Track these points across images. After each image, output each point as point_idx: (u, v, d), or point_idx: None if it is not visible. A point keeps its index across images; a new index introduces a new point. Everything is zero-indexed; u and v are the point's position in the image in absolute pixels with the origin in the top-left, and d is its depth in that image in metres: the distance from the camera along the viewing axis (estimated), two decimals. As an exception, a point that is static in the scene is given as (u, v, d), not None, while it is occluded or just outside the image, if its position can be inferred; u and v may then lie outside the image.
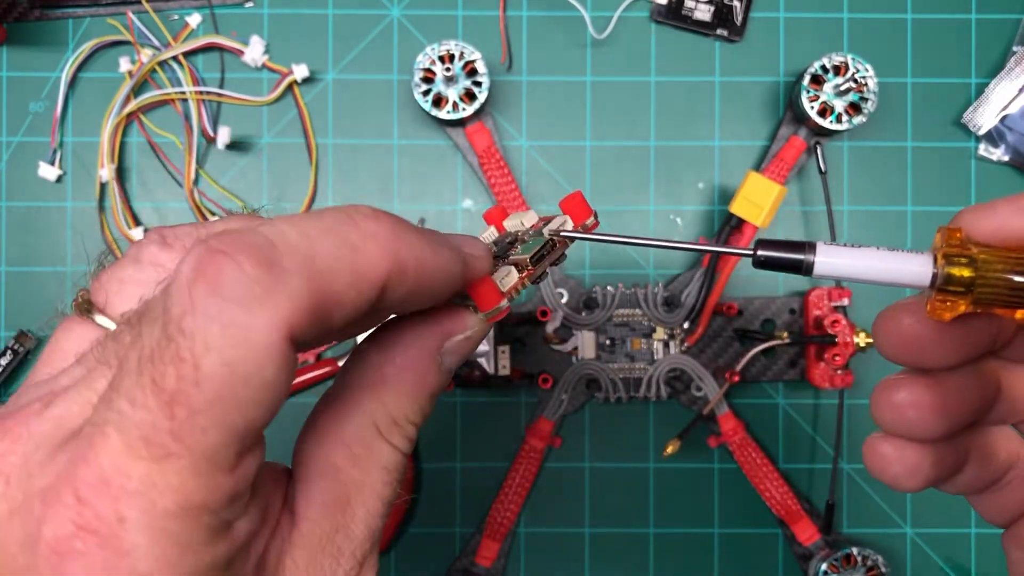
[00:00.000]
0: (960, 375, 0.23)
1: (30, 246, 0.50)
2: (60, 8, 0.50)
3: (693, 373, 0.48)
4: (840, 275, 0.22)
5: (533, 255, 0.24)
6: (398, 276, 0.19)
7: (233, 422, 0.17)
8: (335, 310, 0.18)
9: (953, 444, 0.24)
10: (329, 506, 0.21)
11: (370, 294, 0.19)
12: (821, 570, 0.47)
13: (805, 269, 0.22)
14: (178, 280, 0.17)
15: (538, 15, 0.51)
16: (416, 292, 0.20)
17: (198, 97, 0.49)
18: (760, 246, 0.22)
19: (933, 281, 0.21)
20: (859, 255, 0.22)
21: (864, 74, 0.46)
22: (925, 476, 0.24)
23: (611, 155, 0.51)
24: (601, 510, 0.50)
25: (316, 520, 0.21)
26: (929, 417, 0.23)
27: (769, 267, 0.22)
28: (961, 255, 0.21)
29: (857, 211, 0.50)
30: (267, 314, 0.17)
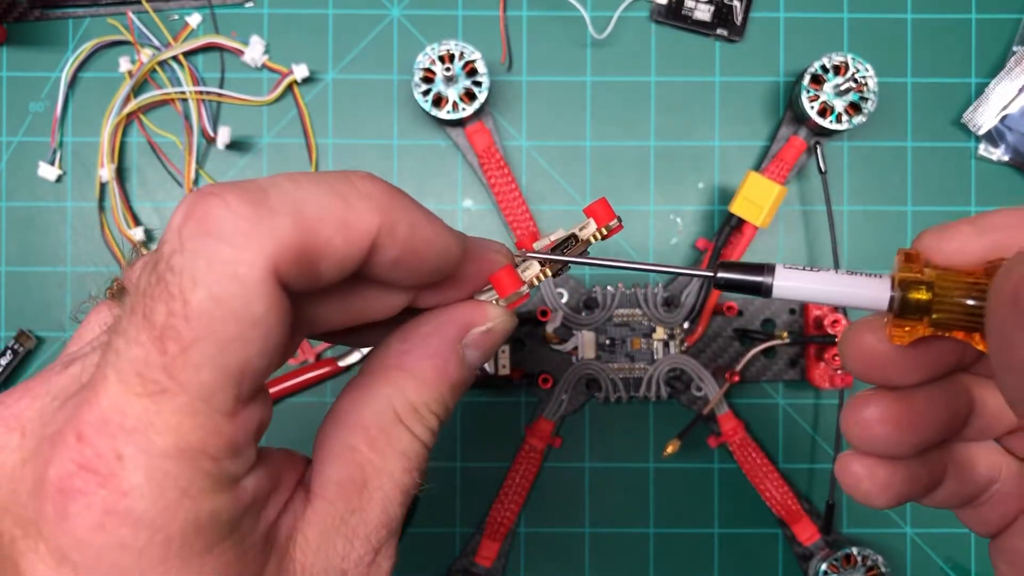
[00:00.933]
0: (929, 391, 0.23)
1: (30, 246, 0.50)
2: (60, 8, 0.50)
3: (693, 373, 0.48)
4: (799, 298, 0.22)
5: (555, 245, 0.24)
6: (389, 235, 0.20)
7: (226, 361, 0.17)
8: (323, 258, 0.19)
9: (928, 460, 0.24)
10: (345, 486, 0.21)
11: (359, 246, 0.19)
12: (821, 570, 0.47)
13: (764, 291, 0.22)
14: (171, 223, 0.18)
15: (538, 15, 0.51)
16: (410, 260, 0.21)
17: (198, 97, 0.49)
18: (721, 268, 0.23)
19: (891, 305, 0.21)
20: (817, 279, 0.22)
21: (864, 74, 0.46)
22: (897, 493, 0.24)
23: (611, 155, 0.51)
24: (601, 510, 0.50)
25: (331, 499, 0.21)
26: (897, 433, 0.23)
27: (729, 289, 0.23)
28: (917, 279, 0.21)
29: (857, 211, 0.50)
30: (252, 249, 0.17)
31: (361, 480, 0.22)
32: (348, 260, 0.19)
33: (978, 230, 0.21)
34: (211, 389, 0.18)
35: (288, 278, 0.18)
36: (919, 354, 0.23)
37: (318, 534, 0.21)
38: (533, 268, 0.24)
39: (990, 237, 0.21)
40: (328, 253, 0.19)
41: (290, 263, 0.18)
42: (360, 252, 0.19)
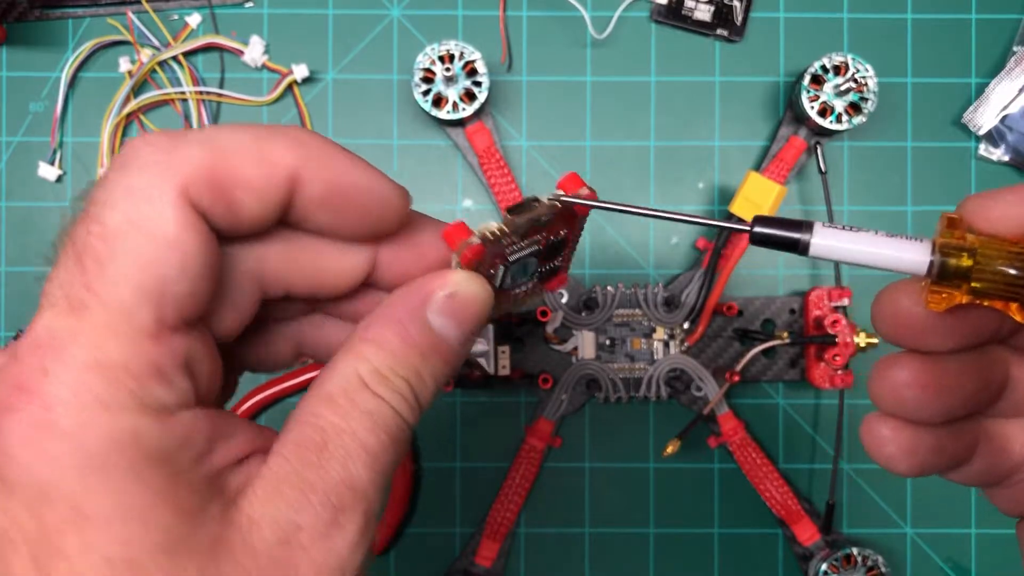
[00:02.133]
0: (961, 359, 0.23)
1: (30, 246, 0.50)
2: (60, 8, 0.50)
3: (693, 373, 0.48)
4: (835, 258, 0.22)
5: (511, 207, 0.24)
6: (309, 172, 0.21)
7: (143, 279, 0.19)
8: (237, 186, 0.20)
9: (957, 432, 0.24)
10: (303, 445, 0.21)
11: (276, 178, 0.20)
12: (821, 570, 0.47)
13: (801, 248, 0.22)
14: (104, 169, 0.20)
15: (538, 15, 0.51)
16: (338, 202, 0.22)
17: (198, 97, 0.49)
18: (757, 222, 0.22)
19: (930, 270, 0.21)
20: (856, 239, 0.21)
21: (864, 74, 0.46)
22: (921, 461, 0.23)
23: (611, 155, 0.51)
24: (601, 510, 0.50)
25: (287, 456, 0.21)
26: (926, 399, 0.22)
27: (765, 244, 0.22)
28: (959, 245, 0.21)
29: (857, 211, 0.50)
30: (163, 174, 0.19)
31: (321, 441, 0.21)
32: (266, 192, 0.20)
33: (1022, 199, 0.20)
34: (130, 307, 0.19)
35: (203, 204, 0.19)
36: (956, 321, 0.22)
37: (268, 488, 0.20)
38: (490, 225, 0.23)
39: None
40: (242, 182, 0.20)
41: (202, 188, 0.19)
42: (278, 185, 0.20)
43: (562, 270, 0.27)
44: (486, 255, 0.23)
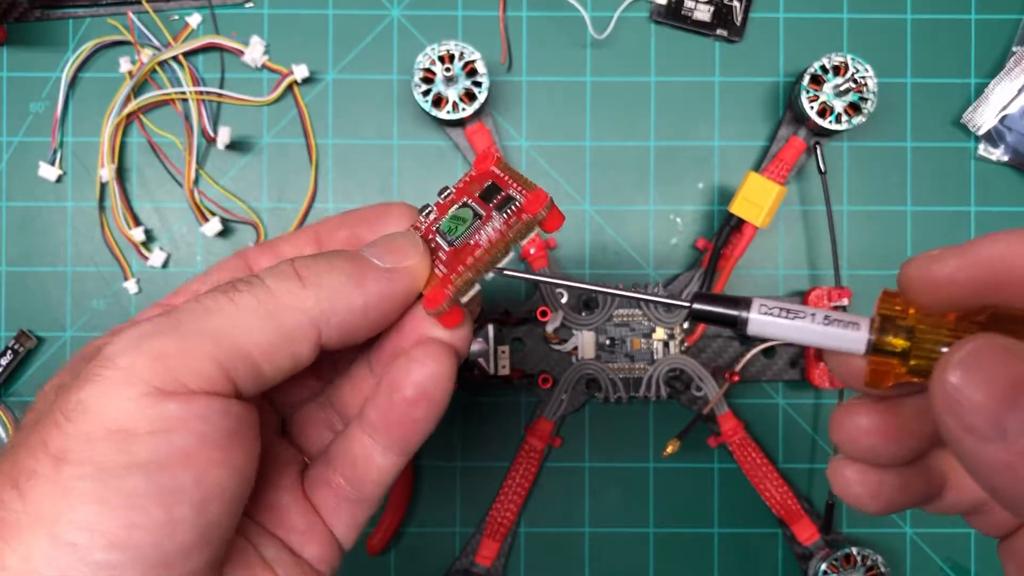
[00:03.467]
0: (918, 401, 0.23)
1: (30, 246, 0.50)
2: (60, 8, 0.50)
3: (693, 373, 0.48)
4: (775, 337, 0.22)
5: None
6: (328, 330, 0.23)
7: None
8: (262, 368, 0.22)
9: (923, 470, 0.24)
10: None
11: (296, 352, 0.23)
12: (821, 570, 0.47)
13: (740, 326, 0.22)
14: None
15: (538, 15, 0.51)
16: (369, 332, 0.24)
17: (198, 97, 0.49)
18: (696, 299, 0.22)
19: (868, 349, 0.21)
20: (794, 323, 0.21)
21: (864, 74, 0.46)
22: (888, 499, 0.23)
23: (611, 155, 0.51)
24: (601, 510, 0.50)
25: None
26: (885, 444, 0.23)
27: (705, 321, 0.23)
28: (895, 327, 0.21)
29: (857, 211, 0.51)
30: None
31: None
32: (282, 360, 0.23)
33: (966, 263, 0.20)
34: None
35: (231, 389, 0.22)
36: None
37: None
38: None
39: (979, 271, 0.20)
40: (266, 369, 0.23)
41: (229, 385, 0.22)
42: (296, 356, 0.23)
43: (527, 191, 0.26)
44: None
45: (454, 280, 0.25)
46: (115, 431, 0.19)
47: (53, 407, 0.20)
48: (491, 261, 0.25)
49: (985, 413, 0.17)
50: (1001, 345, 0.18)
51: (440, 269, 0.26)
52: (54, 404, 0.20)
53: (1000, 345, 0.18)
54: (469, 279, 0.25)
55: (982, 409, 0.17)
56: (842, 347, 0.21)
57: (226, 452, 0.21)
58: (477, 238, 0.26)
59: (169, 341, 0.20)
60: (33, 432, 0.20)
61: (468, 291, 0.25)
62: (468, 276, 0.25)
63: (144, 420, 0.20)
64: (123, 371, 0.20)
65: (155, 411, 0.20)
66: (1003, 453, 0.17)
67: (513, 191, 0.26)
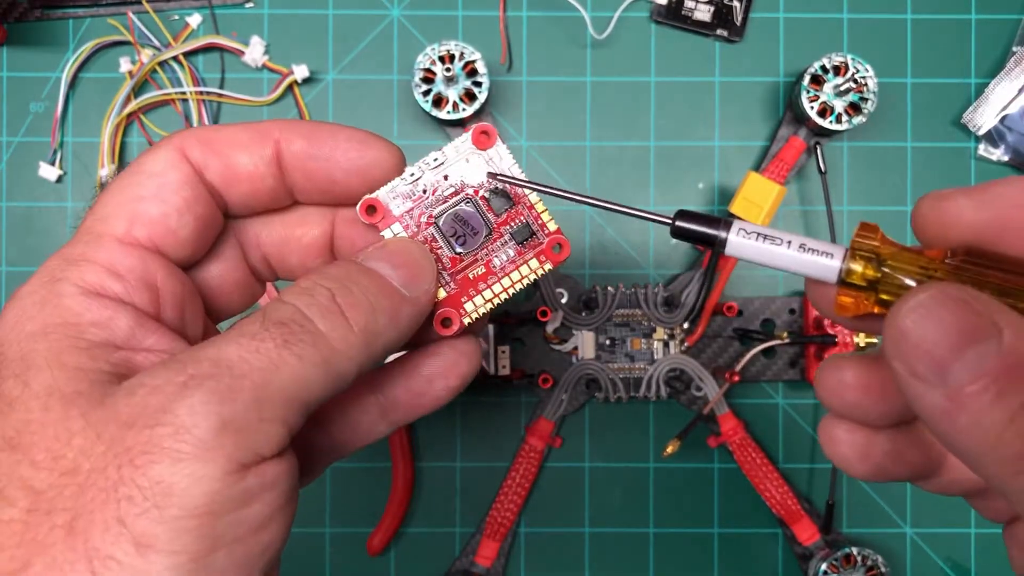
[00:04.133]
0: None
1: (30, 246, 0.50)
2: (60, 8, 0.50)
3: (693, 373, 0.48)
4: (751, 259, 0.22)
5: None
6: (291, 132, 0.25)
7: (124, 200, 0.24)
8: (231, 147, 0.25)
9: (919, 442, 0.24)
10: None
11: (261, 140, 0.25)
12: (821, 570, 0.47)
13: (718, 244, 0.22)
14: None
15: (538, 15, 0.51)
16: (326, 152, 0.25)
17: (198, 97, 0.49)
18: (679, 216, 0.23)
19: (839, 277, 0.21)
20: (771, 244, 0.22)
21: (864, 74, 0.46)
22: (877, 464, 0.23)
23: (611, 155, 0.51)
24: (601, 510, 0.50)
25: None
26: (869, 400, 0.23)
27: (684, 238, 0.23)
28: (867, 256, 0.21)
29: (857, 211, 0.51)
30: (167, 140, 0.25)
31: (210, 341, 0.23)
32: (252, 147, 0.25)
33: (975, 203, 0.20)
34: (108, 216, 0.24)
35: (195, 157, 0.24)
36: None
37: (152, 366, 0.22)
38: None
39: (988, 212, 0.20)
40: (233, 142, 0.25)
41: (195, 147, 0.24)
42: (262, 142, 0.25)
43: (542, 226, 0.26)
44: (386, 206, 0.26)
45: (470, 312, 0.26)
46: (203, 515, 0.19)
47: (121, 474, 0.19)
48: (507, 300, 0.26)
49: (929, 359, 0.18)
50: (956, 295, 0.18)
51: (443, 276, 0.26)
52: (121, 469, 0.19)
53: (955, 295, 0.18)
54: (484, 314, 0.26)
55: (927, 355, 0.18)
56: (815, 274, 0.21)
57: (290, 510, 0.21)
58: (488, 262, 0.26)
59: (243, 411, 0.20)
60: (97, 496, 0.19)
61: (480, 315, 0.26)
62: (484, 312, 0.26)
63: (228, 499, 0.19)
64: (204, 447, 0.19)
65: (238, 488, 0.19)
66: (943, 399, 0.18)
67: (529, 217, 0.26)
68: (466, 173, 0.26)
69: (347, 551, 0.50)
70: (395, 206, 0.26)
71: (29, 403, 0.20)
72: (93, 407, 0.20)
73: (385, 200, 0.26)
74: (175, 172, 0.24)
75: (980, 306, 0.18)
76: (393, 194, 0.26)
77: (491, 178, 0.26)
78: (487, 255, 0.26)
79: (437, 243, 0.26)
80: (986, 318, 0.18)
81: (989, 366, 0.17)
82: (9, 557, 0.18)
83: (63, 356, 0.21)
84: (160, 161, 0.24)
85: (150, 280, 0.23)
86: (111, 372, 0.21)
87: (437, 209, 0.26)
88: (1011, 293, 0.19)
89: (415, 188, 0.26)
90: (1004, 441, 0.17)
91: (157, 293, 0.24)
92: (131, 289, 0.23)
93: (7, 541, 0.19)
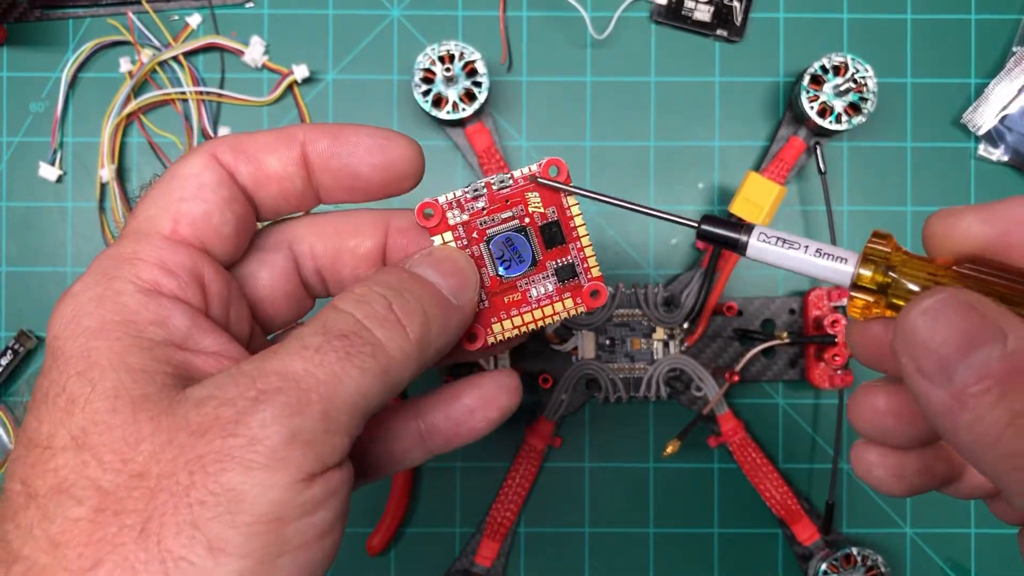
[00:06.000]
0: None
1: (30, 246, 0.50)
2: (60, 8, 0.50)
3: (693, 373, 0.48)
4: (770, 262, 0.24)
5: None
6: (315, 135, 0.26)
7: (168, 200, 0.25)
8: (259, 150, 0.26)
9: (944, 452, 0.24)
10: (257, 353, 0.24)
11: (288, 142, 0.26)
12: (821, 570, 0.47)
13: (740, 248, 0.24)
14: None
15: (538, 15, 0.51)
16: (351, 153, 0.26)
17: (198, 97, 0.49)
18: (705, 220, 0.25)
19: (852, 282, 0.22)
20: (789, 248, 0.23)
21: (864, 74, 0.46)
22: (910, 483, 0.24)
23: (611, 155, 0.51)
24: (601, 510, 0.50)
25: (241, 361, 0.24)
26: (902, 425, 0.23)
27: (710, 240, 0.25)
28: (878, 262, 0.22)
29: (857, 211, 0.51)
30: (201, 148, 0.26)
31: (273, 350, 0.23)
32: (279, 149, 0.26)
33: (982, 220, 0.21)
34: (154, 216, 0.25)
35: (227, 160, 0.25)
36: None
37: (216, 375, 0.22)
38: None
39: (994, 228, 0.21)
40: (261, 145, 0.25)
41: (226, 152, 0.25)
42: (289, 144, 0.25)
43: (586, 270, 0.27)
44: (443, 213, 0.26)
45: (496, 334, 0.27)
46: (271, 521, 0.19)
47: (193, 480, 0.19)
48: (534, 331, 0.27)
49: (937, 358, 0.19)
50: (965, 299, 0.19)
51: (480, 293, 0.26)
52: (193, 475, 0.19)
53: (964, 299, 0.19)
54: (509, 339, 0.27)
55: (935, 355, 0.19)
56: (830, 278, 0.23)
57: (346, 517, 0.22)
58: (526, 291, 0.27)
59: (311, 423, 0.20)
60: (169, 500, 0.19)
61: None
62: (510, 336, 0.27)
63: (296, 507, 0.20)
64: (274, 457, 0.20)
65: (305, 496, 0.20)
66: (947, 397, 0.18)
67: (576, 259, 0.27)
68: (527, 201, 0.27)
69: (347, 551, 0.50)
70: (451, 215, 0.27)
71: (96, 404, 0.20)
72: (162, 413, 0.20)
73: (443, 206, 0.26)
74: (211, 173, 0.25)
75: (987, 311, 0.19)
76: (452, 203, 0.26)
77: (530, 180, 0.26)
78: (526, 284, 0.27)
79: (483, 261, 0.27)
80: (992, 322, 0.18)
81: (993, 368, 0.18)
82: (78, 555, 0.19)
83: (127, 357, 0.21)
84: (195, 165, 0.25)
85: (199, 277, 0.24)
86: (174, 375, 0.22)
87: (492, 229, 0.27)
88: (1014, 300, 0.20)
89: (475, 203, 0.27)
90: (1004, 440, 0.18)
91: (205, 291, 0.24)
92: (184, 286, 0.23)
93: (76, 539, 0.19)
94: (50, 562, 0.19)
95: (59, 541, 0.19)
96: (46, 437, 0.20)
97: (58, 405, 0.21)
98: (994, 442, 0.18)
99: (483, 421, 0.28)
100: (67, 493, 0.19)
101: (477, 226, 0.27)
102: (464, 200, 0.27)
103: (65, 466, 0.20)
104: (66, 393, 0.21)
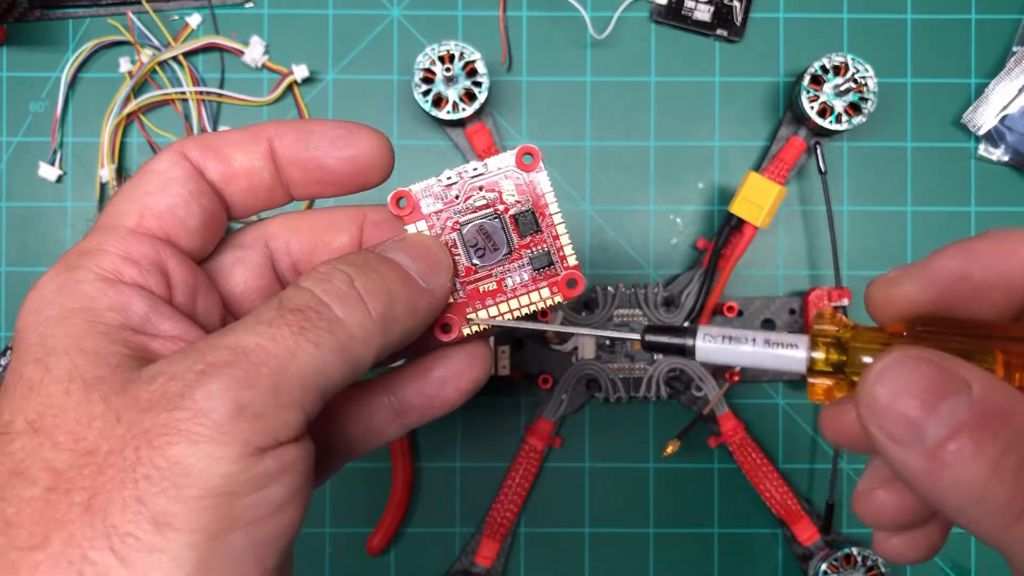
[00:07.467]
0: None
1: (30, 246, 0.50)
2: (60, 8, 0.50)
3: (693, 373, 0.48)
4: (722, 363, 0.23)
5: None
6: (283, 131, 0.26)
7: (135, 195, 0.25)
8: (227, 146, 0.26)
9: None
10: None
11: (256, 139, 0.26)
12: (821, 570, 0.47)
13: (688, 353, 0.23)
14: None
15: (538, 15, 0.51)
16: (318, 144, 0.26)
17: (198, 97, 0.49)
18: (647, 331, 0.24)
19: (808, 368, 0.22)
20: (738, 347, 0.22)
21: (864, 74, 0.46)
22: (929, 552, 0.24)
23: (611, 155, 0.51)
24: (601, 510, 0.50)
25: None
26: (908, 516, 0.23)
27: (655, 350, 0.24)
28: (828, 342, 0.21)
29: (857, 211, 0.51)
30: (171, 145, 0.26)
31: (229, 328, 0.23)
32: (246, 145, 0.26)
33: (919, 285, 0.21)
34: (121, 210, 0.25)
35: (195, 157, 0.25)
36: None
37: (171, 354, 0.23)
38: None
39: (933, 290, 0.21)
40: (228, 142, 0.26)
41: (195, 149, 0.26)
42: (256, 140, 0.26)
43: (562, 258, 0.27)
44: (416, 202, 0.26)
45: (470, 324, 0.27)
46: (220, 495, 0.19)
47: (140, 455, 0.19)
48: (510, 321, 0.27)
49: (904, 420, 0.18)
50: (915, 355, 0.18)
51: (454, 283, 0.26)
52: (139, 450, 0.19)
53: (917, 355, 0.18)
54: (485, 329, 0.27)
55: (901, 417, 0.18)
56: (785, 368, 0.22)
57: (306, 494, 0.22)
58: (501, 280, 0.27)
59: (260, 397, 0.20)
60: (116, 476, 0.19)
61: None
62: (485, 327, 0.27)
63: (246, 481, 0.20)
64: (220, 430, 0.19)
65: (256, 471, 0.20)
66: (924, 459, 0.18)
67: (552, 247, 0.26)
68: (501, 189, 0.26)
69: (347, 551, 0.50)
70: (425, 204, 0.26)
71: (50, 387, 0.21)
72: (114, 392, 0.20)
73: (416, 195, 0.26)
74: (178, 169, 0.25)
75: (943, 363, 0.18)
76: (425, 192, 0.26)
77: (505, 168, 0.27)
78: (502, 273, 0.27)
79: (456, 250, 0.26)
80: (952, 373, 0.18)
81: (963, 418, 0.17)
82: (28, 534, 0.19)
83: (82, 341, 0.21)
84: (164, 162, 0.25)
85: (161, 266, 0.24)
86: (130, 356, 0.22)
87: (465, 217, 0.26)
88: (973, 356, 0.19)
89: (448, 192, 0.26)
90: (990, 492, 0.17)
91: (168, 280, 0.24)
92: (145, 274, 0.23)
93: (27, 519, 0.19)
94: (3, 542, 0.19)
95: (12, 521, 0.19)
96: (5, 424, 0.21)
97: (17, 392, 0.21)
98: (981, 497, 0.17)
99: (455, 392, 0.28)
100: (23, 475, 0.20)
101: (451, 215, 0.26)
102: (439, 189, 0.26)
103: (21, 449, 0.20)
104: (23, 380, 0.21)
